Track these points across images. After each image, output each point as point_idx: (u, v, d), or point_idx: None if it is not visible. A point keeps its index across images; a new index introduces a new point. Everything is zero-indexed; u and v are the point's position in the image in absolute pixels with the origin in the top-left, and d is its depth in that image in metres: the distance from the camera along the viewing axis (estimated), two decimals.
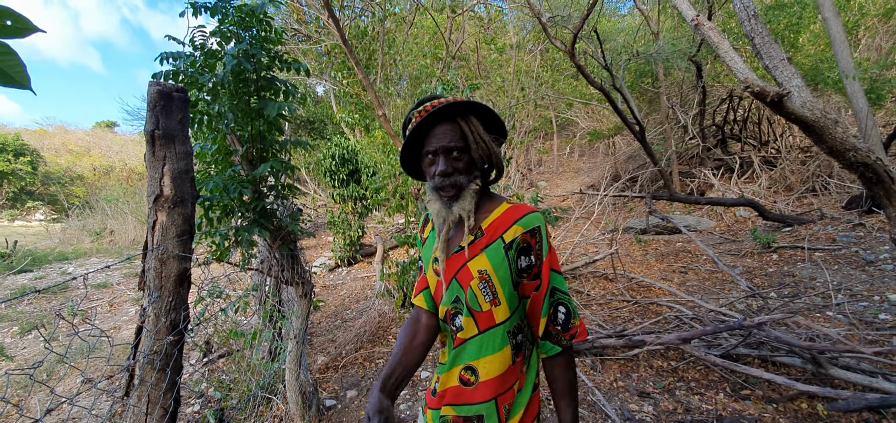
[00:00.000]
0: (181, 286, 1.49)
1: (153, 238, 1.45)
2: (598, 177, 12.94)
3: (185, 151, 1.52)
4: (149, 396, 1.41)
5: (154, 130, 1.43)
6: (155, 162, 1.45)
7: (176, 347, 1.47)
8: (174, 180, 1.46)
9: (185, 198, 1.50)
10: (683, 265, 6.05)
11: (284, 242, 2.65)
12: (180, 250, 1.48)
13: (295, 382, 3.01)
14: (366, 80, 6.55)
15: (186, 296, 1.53)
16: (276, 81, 2.78)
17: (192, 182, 1.55)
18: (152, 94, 1.44)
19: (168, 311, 1.46)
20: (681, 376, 3.27)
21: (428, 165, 1.16)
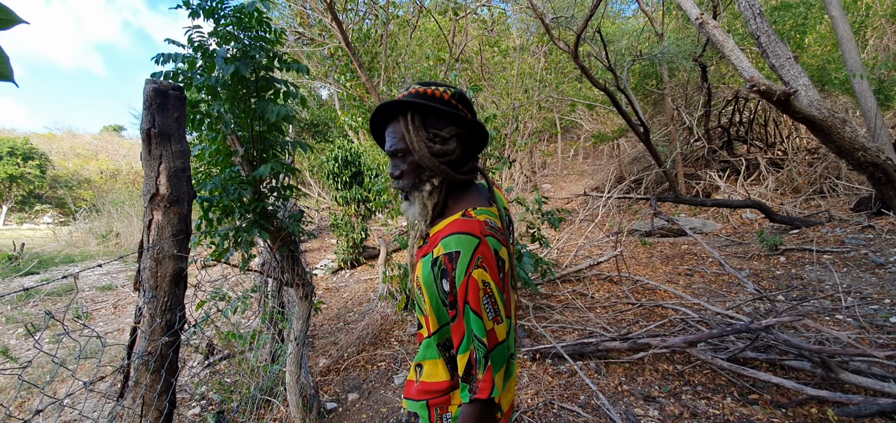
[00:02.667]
0: (177, 286, 1.47)
1: (148, 237, 1.44)
2: (603, 179, 12.87)
3: (182, 150, 1.50)
4: (143, 397, 1.39)
5: (150, 128, 1.42)
6: (151, 161, 1.44)
7: (171, 348, 1.45)
8: (170, 179, 1.45)
9: (181, 197, 1.49)
10: (689, 268, 5.99)
11: (284, 243, 2.63)
12: (176, 250, 1.46)
13: (295, 384, 2.99)
14: (369, 82, 6.55)
15: (182, 296, 1.51)
16: (276, 81, 2.77)
17: (189, 181, 1.53)
18: (148, 92, 1.42)
19: (163, 311, 1.43)
20: (687, 380, 3.21)
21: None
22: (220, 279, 2.93)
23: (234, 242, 2.48)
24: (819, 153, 10.06)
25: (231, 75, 2.57)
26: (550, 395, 3.13)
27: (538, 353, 3.66)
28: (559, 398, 3.10)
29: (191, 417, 3.62)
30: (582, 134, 17.19)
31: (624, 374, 3.34)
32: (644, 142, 5.14)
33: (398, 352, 4.26)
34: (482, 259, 0.96)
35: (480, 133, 1.13)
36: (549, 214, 4.14)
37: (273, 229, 2.57)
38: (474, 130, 1.11)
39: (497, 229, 1.04)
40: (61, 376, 4.65)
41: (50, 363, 4.93)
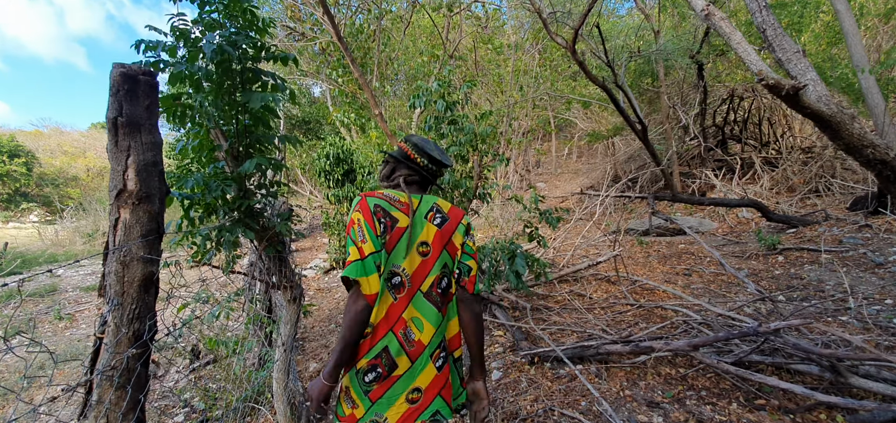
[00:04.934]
0: (147, 292, 1.33)
1: (115, 238, 1.29)
2: (597, 178, 12.81)
3: (153, 142, 1.36)
4: (107, 417, 1.25)
5: (117, 116, 1.27)
6: (118, 153, 1.29)
7: (139, 361, 1.30)
8: (139, 174, 1.30)
9: (152, 193, 1.34)
10: (687, 267, 5.91)
11: (271, 243, 2.48)
12: (145, 252, 1.31)
13: (283, 392, 2.84)
14: (361, 78, 6.40)
15: (153, 303, 1.37)
16: (263, 73, 2.62)
17: (161, 176, 1.39)
18: (115, 77, 1.27)
19: (130, 320, 1.29)
20: (690, 384, 3.11)
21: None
22: (198, 282, 2.76)
23: (217, 242, 2.33)
24: (813, 153, 10.07)
25: (216, 64, 2.42)
26: (551, 401, 3.01)
27: (537, 357, 3.55)
28: (560, 404, 2.98)
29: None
30: (576, 133, 17.14)
31: (625, 378, 3.23)
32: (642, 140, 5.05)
33: None
34: (358, 206, 1.45)
35: (407, 161, 1.65)
36: (546, 212, 4.02)
37: (259, 228, 2.42)
38: (401, 161, 1.67)
39: (393, 200, 1.50)
40: (39, 382, 4.46)
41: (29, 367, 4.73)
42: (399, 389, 1.41)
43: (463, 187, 4.18)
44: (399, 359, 1.41)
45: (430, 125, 4.17)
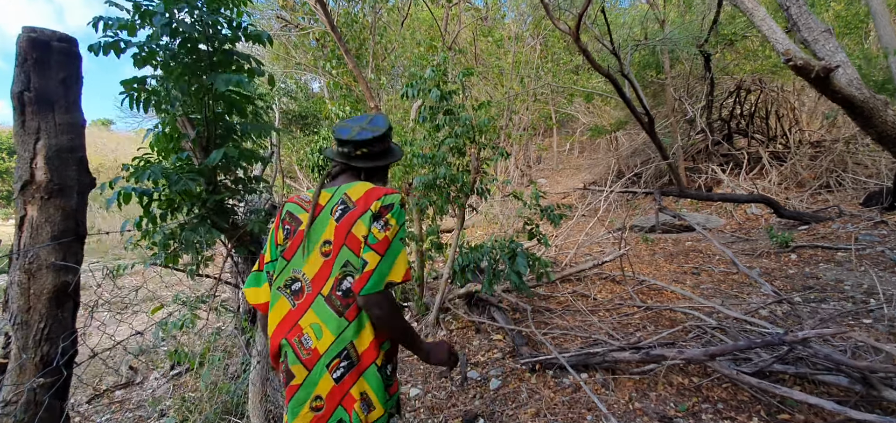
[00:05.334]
0: (59, 308, 1.08)
1: (19, 241, 1.04)
2: (600, 174, 12.54)
3: (70, 123, 1.11)
4: None
5: (23, 91, 1.02)
6: (24, 136, 1.04)
7: (49, 392, 1.06)
8: (50, 162, 1.05)
9: (67, 186, 1.09)
10: (695, 266, 5.65)
11: (241, 243, 2.24)
12: (58, 257, 1.07)
13: (259, 405, 2.60)
14: (356, 69, 6.13)
15: (70, 320, 1.12)
16: (238, 55, 2.37)
17: (82, 166, 1.14)
18: (22, 44, 1.02)
19: (38, 342, 1.04)
20: (706, 395, 2.86)
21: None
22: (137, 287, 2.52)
23: (181, 243, 2.08)
24: (823, 146, 9.79)
25: (180, 43, 2.17)
26: (553, 415, 2.76)
27: (538, 364, 3.30)
28: (563, 418, 2.73)
29: None
30: (578, 127, 16.85)
31: (634, 388, 2.98)
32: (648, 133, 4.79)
33: None
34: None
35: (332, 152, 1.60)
36: (548, 209, 3.77)
37: (228, 227, 2.18)
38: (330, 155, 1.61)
39: (306, 201, 1.44)
40: None
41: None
42: (301, 397, 1.31)
43: (460, 182, 3.93)
44: (294, 368, 1.32)
45: (425, 116, 3.92)
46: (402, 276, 1.30)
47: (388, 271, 1.28)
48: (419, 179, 3.82)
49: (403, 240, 1.34)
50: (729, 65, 9.63)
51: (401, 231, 1.33)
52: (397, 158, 1.62)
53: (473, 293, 4.68)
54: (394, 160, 1.60)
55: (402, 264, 1.31)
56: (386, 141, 1.56)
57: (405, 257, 1.32)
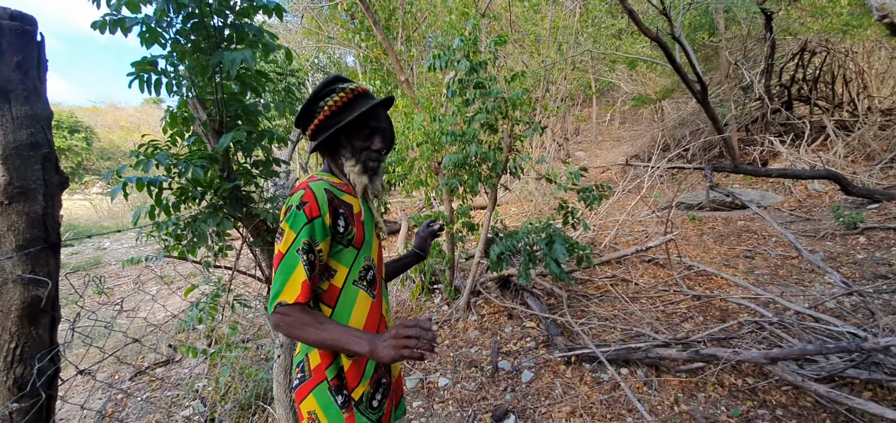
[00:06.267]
0: (33, 324, 0.97)
1: None
2: (643, 146, 11.88)
3: (31, 114, 0.97)
4: None
5: None
6: None
7: (26, 417, 0.95)
8: (8, 161, 0.92)
9: (31, 188, 0.96)
10: (748, 248, 5.20)
11: (258, 233, 2.11)
12: (26, 270, 0.95)
13: (284, 395, 2.53)
14: (385, 41, 5.91)
15: (47, 336, 1.01)
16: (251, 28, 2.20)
17: (48, 163, 1.00)
18: None
19: (10, 364, 0.94)
20: (762, 399, 2.57)
21: (364, 140, 1.26)
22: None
23: (194, 234, 1.98)
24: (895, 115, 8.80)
25: (184, 18, 2.02)
26: (590, 415, 2.56)
27: (574, 356, 3.08)
28: (601, 419, 2.53)
29: (181, 419, 3.27)
30: (620, 96, 16.01)
31: (680, 388, 2.73)
32: (701, 102, 4.33)
33: None
34: None
35: None
36: (587, 190, 3.48)
37: (242, 216, 2.05)
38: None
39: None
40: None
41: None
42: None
43: (492, 161, 3.68)
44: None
45: (454, 90, 3.67)
46: (296, 297, 1.05)
47: (280, 290, 1.06)
48: (449, 158, 3.61)
49: (302, 249, 1.08)
50: (792, 24, 8.72)
51: (297, 240, 1.08)
52: (332, 126, 1.23)
53: (506, 277, 4.48)
54: (325, 135, 1.24)
55: (296, 282, 1.06)
56: (310, 115, 1.27)
57: (301, 272, 1.06)
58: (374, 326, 1.26)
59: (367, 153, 1.25)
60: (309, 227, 1.09)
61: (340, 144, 1.26)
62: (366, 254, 1.25)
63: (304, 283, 1.06)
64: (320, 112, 1.23)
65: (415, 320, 1.01)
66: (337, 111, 1.22)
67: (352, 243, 1.20)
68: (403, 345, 0.98)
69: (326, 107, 1.22)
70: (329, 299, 1.18)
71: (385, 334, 1.03)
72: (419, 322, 1.00)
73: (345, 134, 1.25)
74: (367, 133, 1.25)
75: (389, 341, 1.00)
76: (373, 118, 1.25)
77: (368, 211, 1.31)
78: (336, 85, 1.25)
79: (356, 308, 1.21)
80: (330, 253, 1.17)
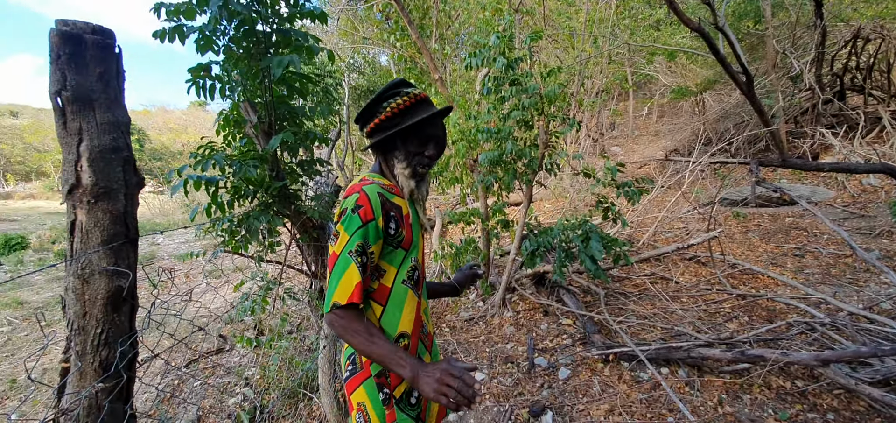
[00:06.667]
0: (115, 312, 1.07)
1: (72, 246, 1.03)
2: (683, 141, 11.49)
3: (112, 121, 1.07)
4: None
5: (60, 89, 0.99)
6: (67, 137, 1.02)
7: (110, 396, 1.05)
8: (94, 164, 1.02)
9: (113, 188, 1.06)
10: (798, 246, 4.98)
11: (306, 229, 2.21)
12: (110, 262, 1.05)
13: (328, 385, 2.64)
14: (419, 40, 5.98)
15: (127, 323, 1.11)
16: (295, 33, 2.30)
17: (128, 165, 1.10)
18: (54, 39, 0.99)
19: (96, 347, 1.04)
20: (812, 403, 2.48)
21: (419, 145, 1.28)
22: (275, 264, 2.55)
23: (247, 230, 2.09)
24: None
25: (236, 26, 2.13)
26: (630, 414, 2.54)
27: (612, 354, 3.06)
28: (640, 418, 2.50)
29: (232, 406, 3.45)
30: (658, 89, 15.52)
31: (724, 389, 2.66)
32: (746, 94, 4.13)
33: (449, 341, 3.83)
34: None
35: None
36: (626, 185, 3.42)
37: (290, 213, 2.15)
38: None
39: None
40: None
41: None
42: None
43: (527, 157, 3.68)
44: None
45: (489, 88, 3.69)
46: (348, 298, 1.09)
47: (334, 291, 1.11)
48: (484, 156, 3.63)
49: (355, 252, 1.12)
50: (844, 10, 8.21)
51: (350, 242, 1.12)
52: (391, 128, 1.25)
53: (542, 273, 4.47)
54: (383, 135, 1.26)
55: (349, 283, 1.10)
56: (372, 114, 1.29)
57: (354, 273, 1.10)
58: (418, 325, 1.32)
59: (419, 158, 1.28)
60: (363, 230, 1.13)
61: (396, 146, 1.28)
62: (413, 255, 1.29)
63: (358, 284, 1.10)
64: (382, 112, 1.25)
65: (462, 368, 1.05)
66: (398, 114, 1.25)
67: (401, 245, 1.24)
68: (444, 390, 1.02)
69: (389, 108, 1.25)
70: (380, 298, 1.23)
71: (430, 368, 1.07)
72: (464, 376, 1.03)
73: (401, 137, 1.27)
74: (423, 139, 1.27)
75: (432, 378, 1.04)
76: (430, 126, 1.28)
77: (415, 213, 1.34)
78: (401, 89, 1.27)
79: (405, 307, 1.25)
80: (381, 254, 1.21)
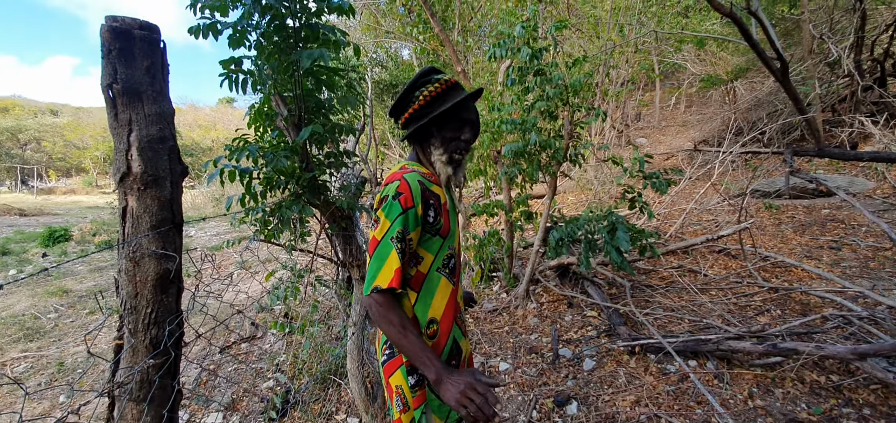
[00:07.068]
0: (164, 293, 1.14)
1: (124, 230, 1.10)
2: (712, 131, 11.18)
3: (159, 113, 1.13)
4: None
5: (111, 83, 1.05)
6: (118, 128, 1.09)
7: (159, 372, 1.12)
8: (143, 153, 1.09)
9: (161, 176, 1.13)
10: (834, 239, 4.80)
11: (335, 219, 2.27)
12: (158, 246, 1.11)
13: (357, 371, 2.71)
14: (442, 32, 6.00)
15: (175, 304, 1.18)
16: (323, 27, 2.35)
17: (173, 154, 1.17)
18: (105, 34, 1.05)
19: (147, 325, 1.11)
20: (847, 397, 2.41)
21: (454, 130, 1.28)
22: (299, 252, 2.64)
23: (280, 220, 2.16)
24: None
25: (268, 20, 2.20)
26: (656, 406, 2.52)
27: (638, 346, 3.03)
28: (668, 409, 2.48)
29: (264, 390, 3.57)
30: (686, 79, 15.12)
31: (755, 383, 2.62)
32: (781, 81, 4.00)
33: (473, 332, 3.87)
34: None
35: None
36: (653, 175, 3.37)
37: (320, 203, 2.22)
38: None
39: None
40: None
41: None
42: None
43: (552, 148, 3.67)
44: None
45: (513, 79, 3.68)
46: (389, 282, 1.12)
47: (375, 275, 1.13)
48: (509, 147, 3.63)
49: (396, 238, 1.14)
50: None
51: (391, 229, 1.15)
52: (425, 116, 1.27)
53: (566, 265, 4.45)
54: (418, 124, 1.28)
55: (389, 268, 1.13)
56: (405, 105, 1.31)
57: (394, 259, 1.13)
58: (452, 310, 1.31)
59: (455, 143, 1.28)
60: (403, 216, 1.15)
61: (431, 133, 1.29)
62: (450, 243, 1.30)
63: (397, 269, 1.13)
64: (415, 102, 1.27)
65: (487, 384, 1.06)
66: (431, 101, 1.26)
67: (439, 233, 1.25)
68: (465, 403, 1.04)
69: (421, 97, 1.25)
70: (415, 285, 1.25)
71: (456, 376, 1.08)
72: (488, 393, 1.04)
73: (436, 124, 1.27)
74: (458, 124, 1.27)
75: (456, 387, 1.05)
76: (464, 110, 1.27)
77: (452, 201, 1.35)
78: (431, 76, 1.28)
79: (438, 294, 1.26)
80: (419, 241, 1.23)
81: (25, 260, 8.48)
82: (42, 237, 9.70)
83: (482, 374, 1.10)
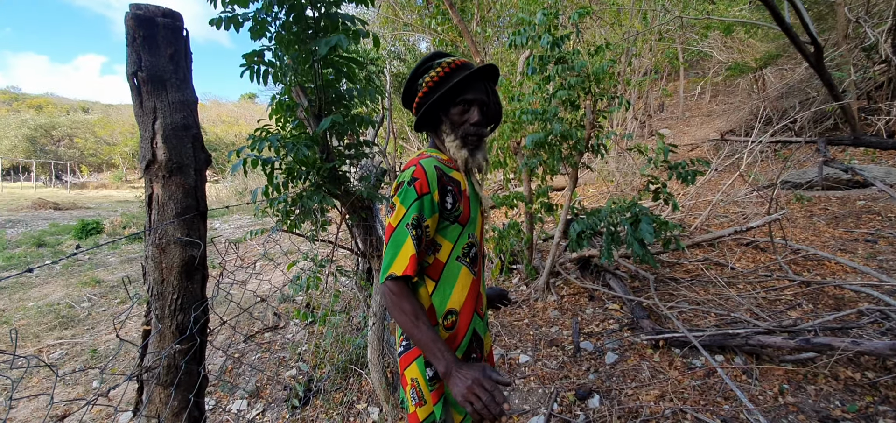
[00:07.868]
0: (189, 280, 1.15)
1: (150, 217, 1.12)
2: (739, 120, 10.84)
3: (182, 101, 1.14)
4: (158, 416, 1.12)
5: (136, 71, 1.07)
6: (143, 116, 1.10)
7: (185, 357, 1.14)
8: (168, 140, 1.10)
9: (185, 164, 1.14)
10: (870, 231, 4.60)
11: (355, 209, 2.28)
12: (183, 233, 1.13)
13: (377, 361, 2.73)
14: (461, 23, 5.94)
15: (200, 290, 1.20)
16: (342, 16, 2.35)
17: (197, 142, 1.18)
18: (129, 22, 1.06)
19: (173, 311, 1.13)
20: (884, 395, 2.32)
21: (460, 113, 1.23)
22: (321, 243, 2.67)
23: (301, 210, 2.18)
24: None
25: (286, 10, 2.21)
26: (681, 400, 2.47)
27: (662, 340, 2.97)
28: (693, 404, 2.43)
29: (287, 378, 3.62)
30: (711, 67, 14.68)
31: (785, 378, 2.53)
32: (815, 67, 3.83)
33: (492, 324, 3.85)
34: None
35: None
36: (679, 166, 3.28)
37: (340, 193, 2.22)
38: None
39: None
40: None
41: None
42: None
43: (574, 138, 3.60)
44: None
45: (534, 68, 3.62)
46: (404, 270, 1.09)
47: (390, 262, 1.11)
48: (530, 138, 3.58)
49: (411, 224, 1.11)
50: None
51: (407, 215, 1.12)
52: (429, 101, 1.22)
53: (587, 257, 4.39)
54: (423, 109, 1.24)
55: (404, 255, 1.10)
56: (412, 94, 1.28)
57: (410, 246, 1.10)
58: (472, 302, 1.27)
59: (464, 126, 1.22)
60: (418, 203, 1.12)
61: (440, 118, 1.25)
62: (470, 231, 1.26)
63: (412, 256, 1.10)
64: (420, 89, 1.23)
65: (496, 381, 1.03)
66: (434, 86, 1.21)
67: (458, 220, 1.21)
68: (472, 398, 1.00)
69: (424, 83, 1.22)
70: (433, 273, 1.21)
71: (465, 370, 1.05)
72: (495, 390, 1.01)
73: (442, 109, 1.23)
74: (463, 107, 1.22)
75: (464, 382, 1.02)
76: (468, 91, 1.21)
77: (473, 188, 1.30)
78: (434, 60, 1.23)
79: (458, 284, 1.22)
80: (437, 229, 1.19)
81: (60, 252, 8.80)
82: (75, 230, 10.05)
83: (494, 370, 1.06)
